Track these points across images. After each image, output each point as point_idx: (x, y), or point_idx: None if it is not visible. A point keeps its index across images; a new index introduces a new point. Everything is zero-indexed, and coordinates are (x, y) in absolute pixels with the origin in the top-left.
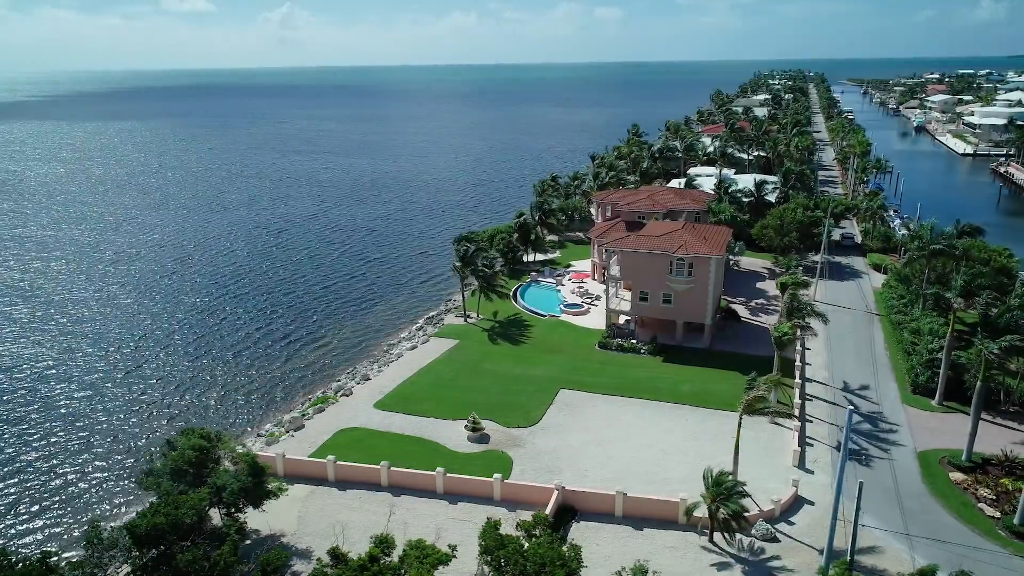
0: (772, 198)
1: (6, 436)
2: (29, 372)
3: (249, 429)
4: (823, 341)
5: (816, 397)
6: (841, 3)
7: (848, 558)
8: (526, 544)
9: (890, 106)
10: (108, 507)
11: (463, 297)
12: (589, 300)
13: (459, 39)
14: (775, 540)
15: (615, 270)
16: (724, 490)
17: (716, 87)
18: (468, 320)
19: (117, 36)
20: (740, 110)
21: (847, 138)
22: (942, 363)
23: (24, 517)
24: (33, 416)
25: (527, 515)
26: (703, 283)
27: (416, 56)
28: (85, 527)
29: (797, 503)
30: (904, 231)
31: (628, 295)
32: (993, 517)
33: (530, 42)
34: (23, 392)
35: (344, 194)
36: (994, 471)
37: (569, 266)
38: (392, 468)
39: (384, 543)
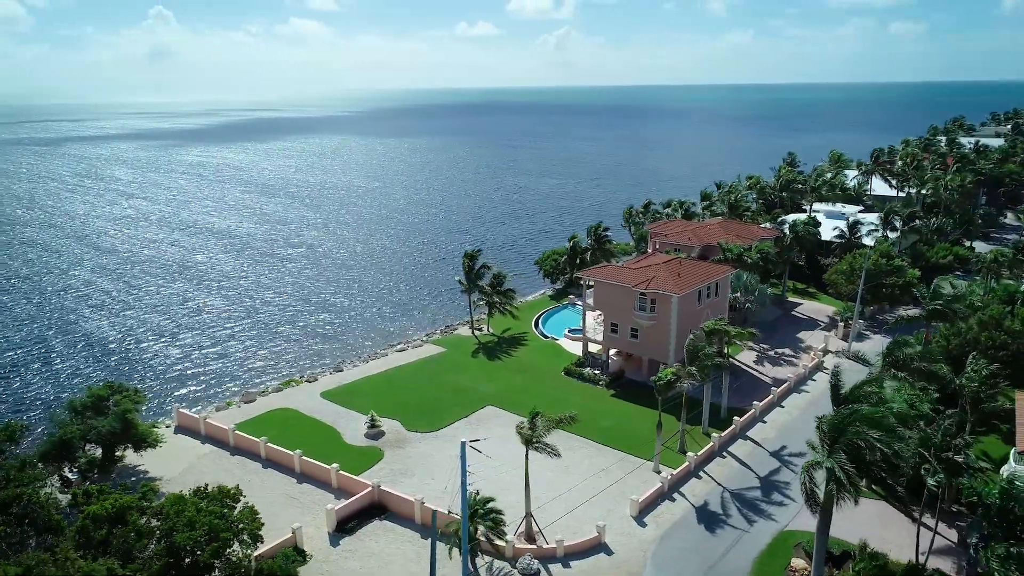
0: (870, 240)
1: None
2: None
3: (220, 397)
4: (809, 399)
5: (732, 455)
6: None
7: None
8: (235, 511)
9: None
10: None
11: (470, 310)
12: None
13: (735, 58)
14: None
15: (590, 300)
16: (476, 514)
17: (992, 110)
18: (475, 333)
19: (418, 58)
20: (942, 140)
21: None
22: None
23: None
24: (116, 345)
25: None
26: (665, 321)
27: (688, 76)
28: None
29: (594, 549)
30: None
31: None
32: None
33: (813, 60)
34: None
35: (504, 212)
36: (852, 565)
37: None
38: (268, 444)
39: (147, 488)
